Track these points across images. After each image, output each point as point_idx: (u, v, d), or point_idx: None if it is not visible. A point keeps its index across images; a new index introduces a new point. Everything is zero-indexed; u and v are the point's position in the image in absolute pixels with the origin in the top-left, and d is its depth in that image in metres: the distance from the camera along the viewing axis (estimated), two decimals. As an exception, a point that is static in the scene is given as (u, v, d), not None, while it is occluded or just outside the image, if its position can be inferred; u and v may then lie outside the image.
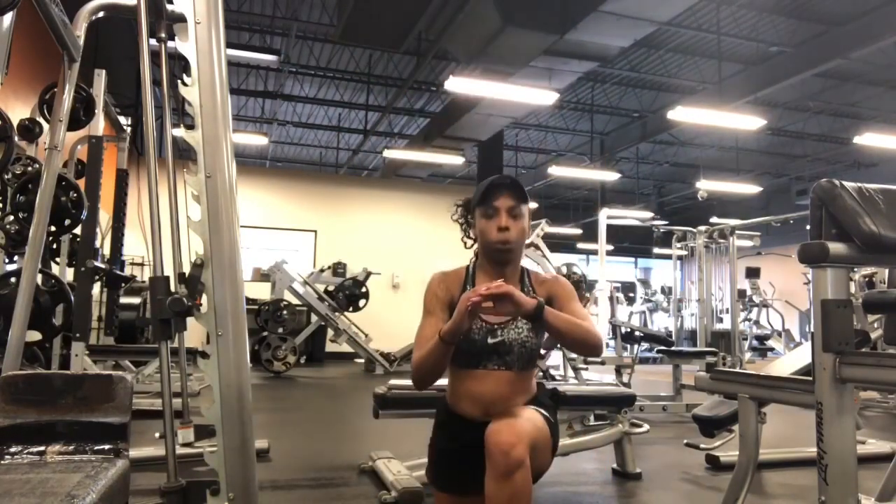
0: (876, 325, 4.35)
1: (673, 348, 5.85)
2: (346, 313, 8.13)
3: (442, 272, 1.74)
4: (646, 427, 3.12)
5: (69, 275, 4.33)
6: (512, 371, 1.60)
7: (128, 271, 7.33)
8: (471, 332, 1.59)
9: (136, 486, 1.76)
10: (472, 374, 1.61)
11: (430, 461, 1.73)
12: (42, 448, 1.38)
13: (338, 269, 9.29)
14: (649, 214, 14.43)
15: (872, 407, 5.68)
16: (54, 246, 4.32)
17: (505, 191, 1.63)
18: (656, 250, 15.64)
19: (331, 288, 8.30)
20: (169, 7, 1.64)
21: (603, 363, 6.19)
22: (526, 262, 1.80)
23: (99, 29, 4.06)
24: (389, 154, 10.96)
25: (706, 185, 11.18)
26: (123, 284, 5.47)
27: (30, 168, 3.39)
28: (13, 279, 2.73)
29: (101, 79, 3.69)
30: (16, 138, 2.63)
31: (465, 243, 1.79)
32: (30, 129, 3.54)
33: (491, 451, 1.37)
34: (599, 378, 6.27)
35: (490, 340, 1.59)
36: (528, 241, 1.70)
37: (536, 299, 1.51)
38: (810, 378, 1.55)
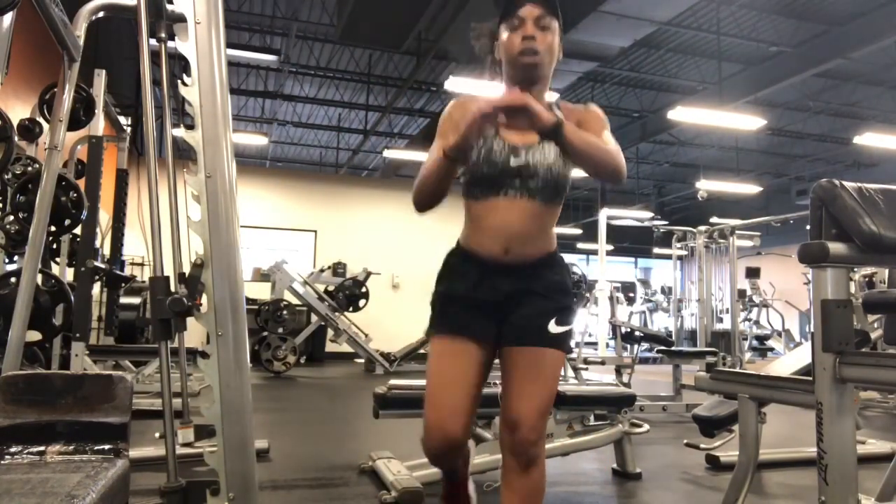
0: (876, 325, 4.35)
1: (673, 348, 5.84)
2: (346, 313, 8.13)
3: (459, 99, 1.58)
4: (646, 427, 3.12)
5: (69, 275, 4.33)
6: (536, 200, 1.45)
7: (128, 271, 7.33)
8: (491, 154, 1.44)
9: (136, 486, 1.76)
10: (492, 203, 1.45)
11: (434, 307, 1.55)
12: (42, 448, 1.38)
13: (338, 269, 9.29)
14: (649, 214, 14.45)
15: (872, 407, 5.68)
16: (54, 246, 4.32)
17: (532, 0, 1.47)
18: (656, 250, 15.64)
19: (331, 288, 8.30)
20: (169, 7, 1.64)
21: (603, 363, 6.20)
22: None
23: (99, 29, 4.06)
24: (389, 154, 10.96)
25: (706, 185, 11.19)
26: (123, 284, 5.47)
27: (30, 168, 3.40)
28: (13, 279, 2.73)
29: (101, 79, 3.69)
30: (16, 138, 2.63)
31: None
32: (30, 129, 3.54)
33: (511, 448, 1.40)
34: (599, 378, 6.27)
35: (513, 162, 1.43)
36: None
37: (556, 115, 1.35)
38: (810, 378, 1.55)
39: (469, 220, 1.53)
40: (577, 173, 1.56)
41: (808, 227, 1.66)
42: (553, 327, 1.44)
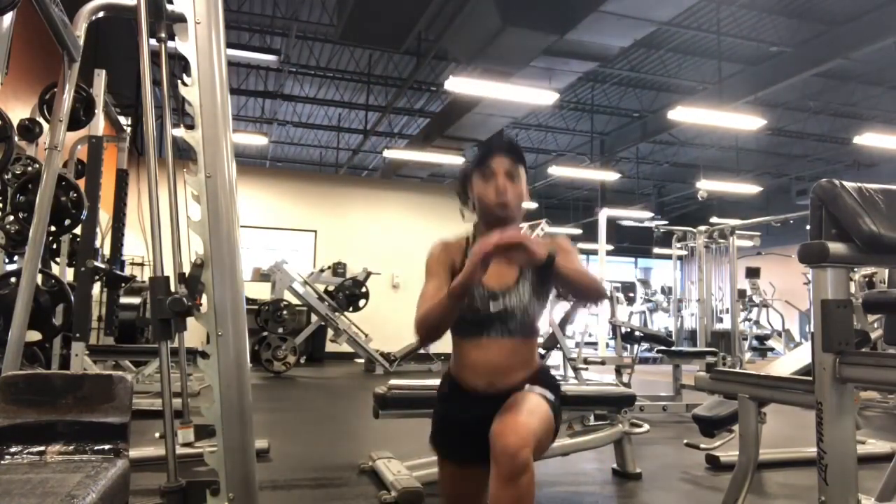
0: (876, 325, 4.35)
1: (673, 348, 5.84)
2: (346, 313, 8.13)
3: (442, 241, 1.71)
4: (646, 427, 3.12)
5: (69, 275, 4.33)
6: (515, 339, 1.60)
7: (128, 271, 7.33)
8: (473, 301, 1.57)
9: (136, 486, 1.76)
10: (475, 343, 1.60)
11: (433, 429, 1.73)
12: (42, 448, 1.38)
13: (338, 269, 9.29)
14: (649, 214, 14.45)
15: (872, 407, 5.68)
16: (54, 246, 4.32)
17: (502, 153, 1.61)
18: (656, 250, 15.64)
19: (331, 288, 8.30)
20: (169, 7, 1.64)
21: (603, 363, 6.20)
22: None
23: (99, 29, 4.06)
24: (389, 154, 10.96)
25: (706, 185, 11.18)
26: (123, 284, 5.47)
27: (30, 168, 3.39)
28: (13, 279, 2.73)
29: (101, 79, 3.69)
30: (16, 138, 2.62)
31: (463, 215, 1.76)
32: (30, 129, 3.54)
33: (496, 455, 1.37)
34: (599, 378, 6.27)
35: (492, 307, 1.58)
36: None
37: (548, 249, 1.47)
38: (810, 378, 1.55)
39: (455, 354, 1.67)
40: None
41: (808, 227, 1.66)
42: (527, 387, 1.56)
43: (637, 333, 6.38)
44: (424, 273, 1.66)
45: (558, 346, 5.69)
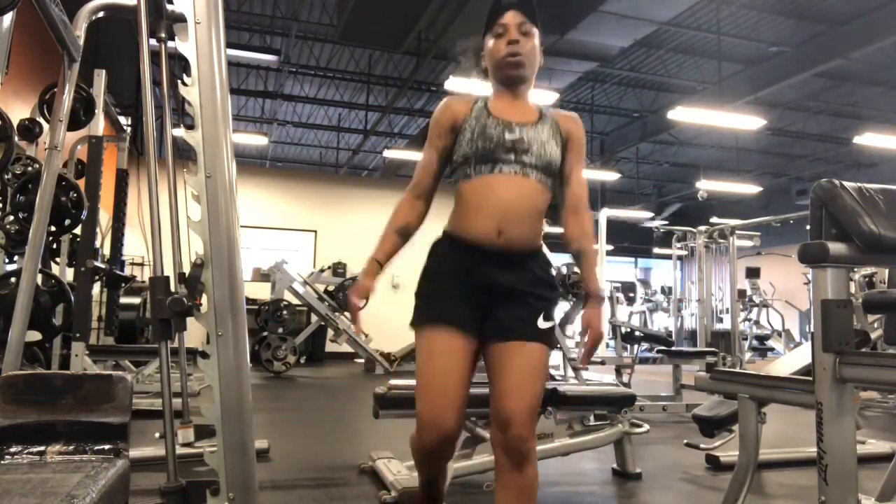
0: (876, 325, 4.34)
1: (673, 348, 5.84)
2: (346, 313, 8.12)
3: (449, 99, 1.65)
4: (646, 427, 3.12)
5: (69, 275, 4.32)
6: (530, 178, 1.49)
7: (128, 271, 7.33)
8: (486, 129, 1.50)
9: (136, 486, 1.76)
10: (485, 180, 1.50)
11: (421, 300, 1.59)
12: (42, 448, 1.38)
13: (338, 269, 9.28)
14: (650, 214, 14.46)
15: (872, 407, 5.68)
16: (54, 246, 4.32)
17: (514, 7, 1.54)
18: (656, 250, 15.64)
19: (331, 288, 8.29)
20: (169, 7, 1.64)
21: (603, 363, 6.20)
22: None
23: (99, 29, 4.06)
24: (389, 154, 10.95)
25: (706, 185, 11.18)
26: (123, 284, 5.47)
27: (30, 168, 3.39)
28: (13, 279, 2.73)
29: (101, 79, 3.69)
30: (16, 138, 2.62)
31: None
32: (30, 129, 3.53)
33: (504, 445, 1.41)
34: (599, 378, 6.27)
35: (507, 136, 1.50)
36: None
37: (590, 304, 1.56)
38: (810, 378, 1.55)
39: (460, 204, 1.55)
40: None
41: (808, 227, 1.66)
42: (542, 323, 1.49)
43: (637, 333, 6.38)
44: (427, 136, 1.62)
45: (558, 345, 5.70)
